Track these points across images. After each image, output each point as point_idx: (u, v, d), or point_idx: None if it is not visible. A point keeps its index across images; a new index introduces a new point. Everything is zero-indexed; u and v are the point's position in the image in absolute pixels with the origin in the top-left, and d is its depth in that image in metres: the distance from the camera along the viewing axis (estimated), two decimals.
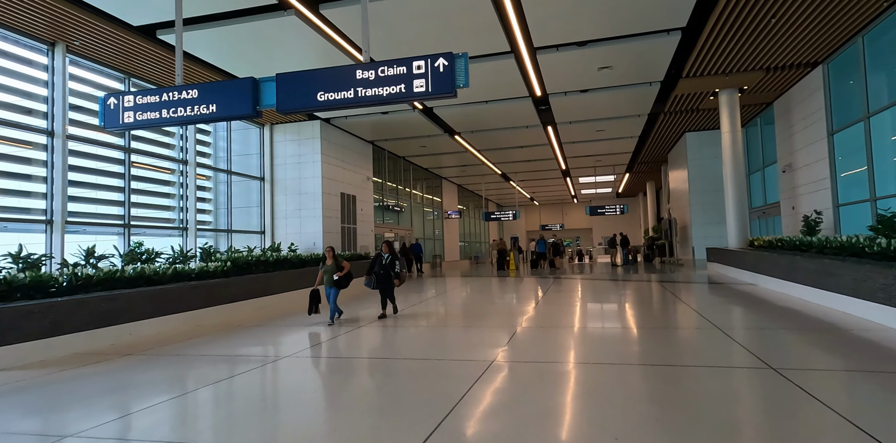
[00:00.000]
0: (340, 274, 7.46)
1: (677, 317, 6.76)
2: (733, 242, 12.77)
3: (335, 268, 7.49)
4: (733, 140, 12.79)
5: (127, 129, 4.82)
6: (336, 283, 7.44)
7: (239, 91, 4.59)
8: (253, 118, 4.71)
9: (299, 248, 13.89)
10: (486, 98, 12.90)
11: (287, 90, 4.51)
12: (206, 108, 4.62)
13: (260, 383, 4.36)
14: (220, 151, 14.17)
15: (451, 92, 4.11)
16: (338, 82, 4.38)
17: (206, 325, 7.31)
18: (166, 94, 4.73)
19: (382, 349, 5.69)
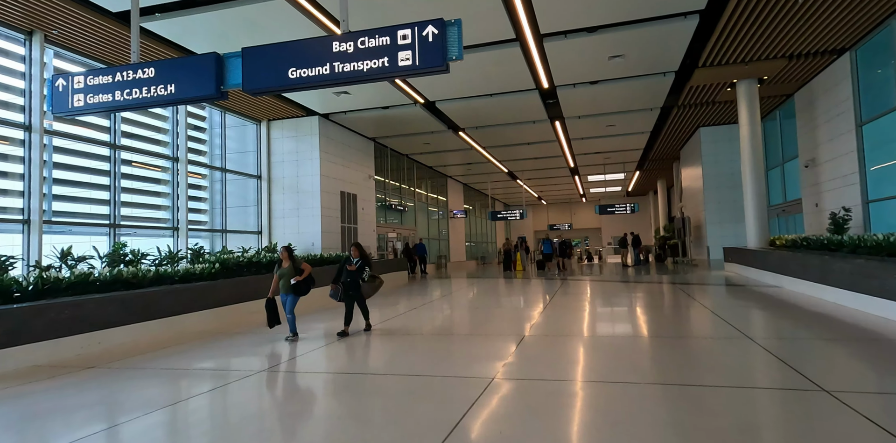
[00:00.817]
0: (298, 278, 6.33)
1: (700, 324, 6.14)
2: (753, 241, 12.07)
3: (292, 271, 6.38)
4: (752, 134, 12.09)
5: (77, 114, 4.29)
6: (293, 289, 6.30)
7: (200, 69, 4.01)
8: (217, 100, 4.16)
9: (297, 248, 13.37)
10: (491, 91, 12.30)
11: (254, 67, 3.93)
12: (165, 89, 4.05)
13: (207, 414, 3.79)
14: (216, 148, 13.69)
15: (442, 65, 3.53)
16: (312, 57, 3.80)
17: (187, 332, 6.79)
18: (120, 74, 4.17)
19: (362, 364, 5.12)
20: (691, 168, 18.79)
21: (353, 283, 6.42)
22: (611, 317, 7.01)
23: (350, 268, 6.40)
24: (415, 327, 6.64)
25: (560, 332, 5.90)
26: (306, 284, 6.46)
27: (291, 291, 6.32)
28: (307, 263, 6.57)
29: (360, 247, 6.62)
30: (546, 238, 19.60)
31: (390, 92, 11.95)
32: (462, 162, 21.76)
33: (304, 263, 6.54)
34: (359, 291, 6.44)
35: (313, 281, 6.59)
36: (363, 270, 6.48)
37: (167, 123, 11.34)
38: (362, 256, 6.53)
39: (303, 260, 6.57)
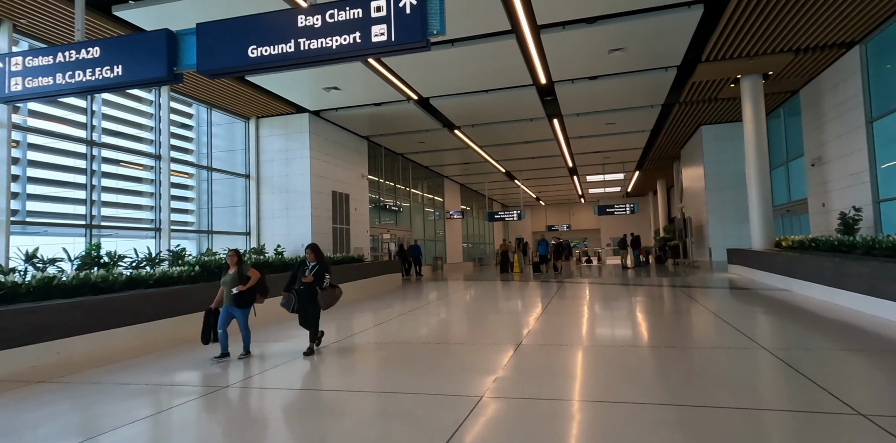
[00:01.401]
0: (242, 287, 5.34)
1: (708, 332, 5.71)
2: (757, 242, 11.66)
3: (236, 279, 5.40)
4: (757, 131, 11.69)
5: (15, 99, 3.84)
6: (235, 299, 5.33)
7: (150, 48, 3.55)
8: (170, 83, 3.72)
9: (286, 250, 12.93)
10: (486, 87, 11.88)
11: (210, 45, 3.48)
12: (111, 71, 3.59)
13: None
14: (203, 146, 13.25)
15: (421, 41, 3.10)
16: (274, 32, 3.34)
17: (159, 340, 6.33)
18: (62, 54, 3.70)
19: (327, 380, 4.67)
20: (692, 168, 18.39)
21: (308, 291, 5.45)
22: (611, 323, 6.58)
23: (305, 279, 5.45)
24: (400, 335, 6.19)
25: (557, 340, 5.47)
26: (252, 294, 5.49)
27: (233, 303, 5.36)
28: (256, 270, 5.63)
29: (316, 249, 5.66)
30: (542, 239, 18.92)
31: (382, 88, 11.52)
32: (458, 162, 21.34)
33: (253, 270, 5.59)
34: (314, 301, 5.46)
35: (265, 290, 5.65)
36: (322, 276, 5.49)
37: (151, 120, 10.90)
38: (319, 261, 5.59)
39: (251, 267, 5.61)
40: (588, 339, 5.52)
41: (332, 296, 5.55)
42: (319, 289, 5.45)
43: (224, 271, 5.59)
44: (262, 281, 5.60)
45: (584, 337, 5.62)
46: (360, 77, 10.80)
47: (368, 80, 10.96)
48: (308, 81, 11.10)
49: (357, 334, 6.35)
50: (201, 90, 11.27)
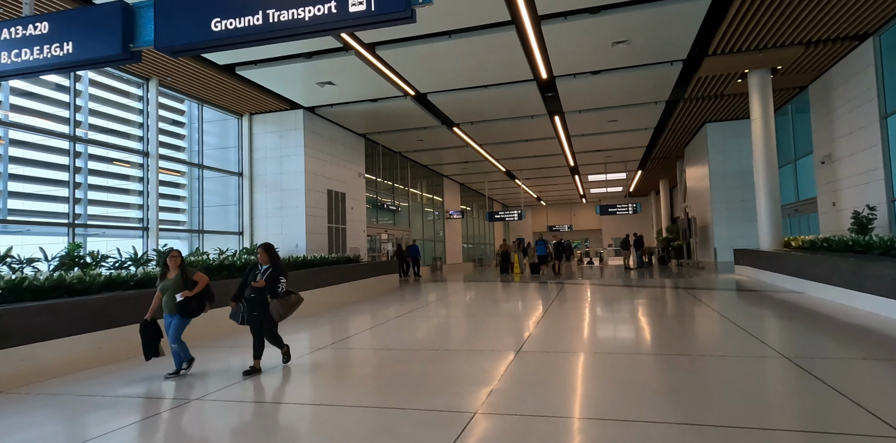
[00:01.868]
0: (187, 293, 4.68)
1: (721, 338, 5.33)
2: (766, 242, 11.28)
3: (179, 284, 4.72)
4: (765, 127, 11.31)
5: None
6: (179, 307, 4.68)
7: (104, 22, 3.17)
8: (126, 63, 3.36)
9: (280, 249, 12.54)
10: (486, 82, 11.51)
11: (169, 18, 3.10)
12: (60, 49, 3.22)
13: None
14: (196, 144, 12.91)
15: (405, 11, 2.73)
16: (240, 3, 2.98)
17: (135, 345, 5.96)
18: (6, 31, 3.36)
19: (310, 392, 4.31)
20: (696, 166, 18.01)
21: (259, 299, 4.68)
22: (616, 328, 6.21)
23: (255, 284, 4.65)
24: (390, 341, 5.83)
25: (558, 347, 5.10)
26: (199, 301, 4.79)
27: (177, 311, 4.67)
28: (203, 274, 4.92)
29: (270, 250, 4.85)
30: (540, 239, 18.13)
31: (378, 82, 11.16)
32: (458, 160, 20.98)
33: (200, 274, 4.90)
34: (265, 311, 4.67)
35: (211, 298, 4.96)
36: (276, 281, 4.67)
37: (139, 116, 10.56)
38: (273, 263, 4.79)
39: (196, 270, 4.99)
40: (591, 345, 5.15)
41: (288, 304, 4.73)
42: (272, 297, 4.64)
43: (162, 275, 4.85)
44: (208, 287, 4.90)
45: (587, 343, 5.25)
46: (356, 71, 10.45)
47: (364, 74, 10.62)
48: (302, 76, 10.75)
49: (344, 339, 6.00)
50: (191, 85, 10.93)
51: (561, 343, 5.28)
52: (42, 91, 8.89)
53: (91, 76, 9.88)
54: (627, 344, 5.21)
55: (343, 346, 5.52)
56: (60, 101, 9.06)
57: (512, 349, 4.92)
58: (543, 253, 17.32)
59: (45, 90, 8.97)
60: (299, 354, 5.14)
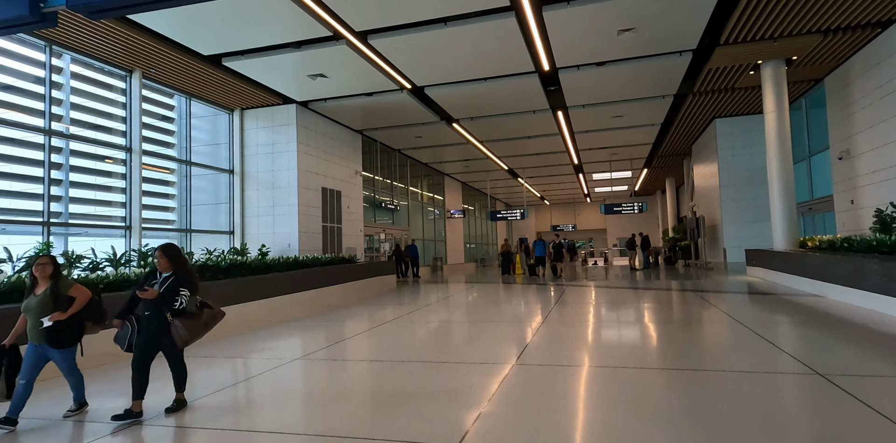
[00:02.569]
0: (58, 316, 3.37)
1: (744, 350, 4.78)
2: (780, 242, 10.71)
3: (48, 303, 3.42)
4: (779, 121, 10.73)
5: None
6: (47, 335, 3.38)
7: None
8: (38, 28, 2.87)
9: (272, 250, 12.10)
10: (485, 74, 10.99)
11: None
12: None
13: None
14: (185, 140, 12.45)
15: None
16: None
17: (88, 356, 5.47)
18: None
19: (272, 413, 3.80)
20: (705, 164, 17.43)
21: (154, 319, 3.47)
22: (622, 337, 5.68)
23: (142, 294, 3.36)
24: (374, 351, 5.32)
25: (558, 359, 4.58)
26: (77, 326, 3.52)
27: (44, 340, 3.38)
28: (83, 287, 3.62)
29: (171, 252, 3.63)
30: (539, 239, 16.99)
31: (372, 75, 10.66)
32: (459, 158, 20.48)
33: (79, 286, 3.59)
34: (165, 333, 3.48)
35: (99, 316, 3.67)
36: (173, 293, 3.47)
37: (123, 110, 10.10)
38: (178, 270, 3.59)
39: (74, 282, 3.71)
40: (594, 358, 4.62)
41: (197, 325, 3.54)
42: (173, 315, 3.47)
43: (28, 291, 3.56)
44: (94, 303, 3.64)
45: (590, 355, 4.73)
46: (348, 63, 9.95)
47: (357, 66, 10.12)
48: (292, 68, 10.26)
49: (322, 349, 5.49)
50: (178, 78, 10.47)
51: (561, 355, 4.75)
52: (19, 83, 8.45)
53: (73, 69, 9.45)
54: (636, 356, 4.68)
55: (319, 356, 5.01)
56: (36, 94, 8.62)
57: (507, 362, 4.41)
58: (542, 254, 16.12)
59: (24, 83, 8.54)
60: (267, 367, 4.64)
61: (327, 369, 4.58)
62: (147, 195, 11.35)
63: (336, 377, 4.36)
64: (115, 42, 8.69)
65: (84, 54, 9.10)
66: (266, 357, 5.03)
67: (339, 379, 4.30)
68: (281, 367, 4.58)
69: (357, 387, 4.04)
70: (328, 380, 4.29)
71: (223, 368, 4.79)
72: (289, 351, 5.34)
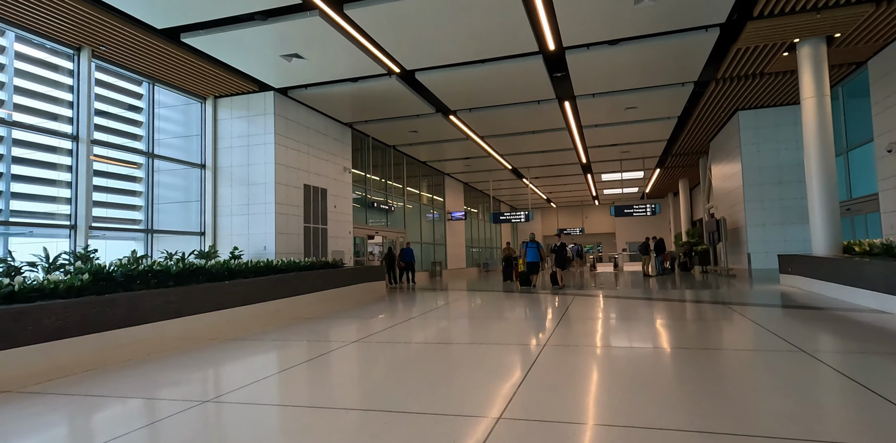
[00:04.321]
0: None
1: (824, 395, 3.43)
2: (821, 246, 9.32)
3: None
4: (819, 108, 9.37)
5: None
6: None
7: None
8: None
9: (245, 253, 10.88)
10: (482, 55, 9.73)
11: None
12: None
13: None
14: (158, 132, 11.30)
15: None
16: None
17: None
18: None
19: None
20: (725, 162, 16.04)
21: None
22: (647, 372, 4.32)
23: None
24: (308, 391, 4.00)
25: (557, 412, 3.22)
26: None
27: None
28: None
29: None
30: (531, 240, 13.22)
31: (355, 55, 9.44)
32: (460, 156, 19.21)
33: None
34: None
35: None
36: None
37: (70, 93, 8.94)
38: None
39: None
40: (609, 411, 3.27)
41: None
42: None
43: None
44: None
45: (604, 408, 3.38)
46: (326, 40, 8.74)
47: (336, 44, 8.90)
48: (263, 47, 9.05)
49: (250, 384, 4.19)
50: (135, 59, 9.30)
51: (562, 404, 3.39)
52: None
53: (18, 48, 8.33)
54: (669, 407, 3.32)
55: (234, 398, 3.67)
56: None
57: (486, 414, 3.09)
58: (535, 259, 12.96)
59: None
60: (135, 425, 3.35)
61: (230, 418, 3.28)
62: (103, 191, 10.20)
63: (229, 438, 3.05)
64: (60, 14, 7.55)
65: (28, 30, 7.97)
66: (168, 397, 3.74)
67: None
68: (171, 417, 3.27)
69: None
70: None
71: (70, 420, 3.50)
72: (196, 389, 4.02)
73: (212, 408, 3.34)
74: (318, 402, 3.46)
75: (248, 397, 3.55)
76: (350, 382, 4.07)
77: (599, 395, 3.43)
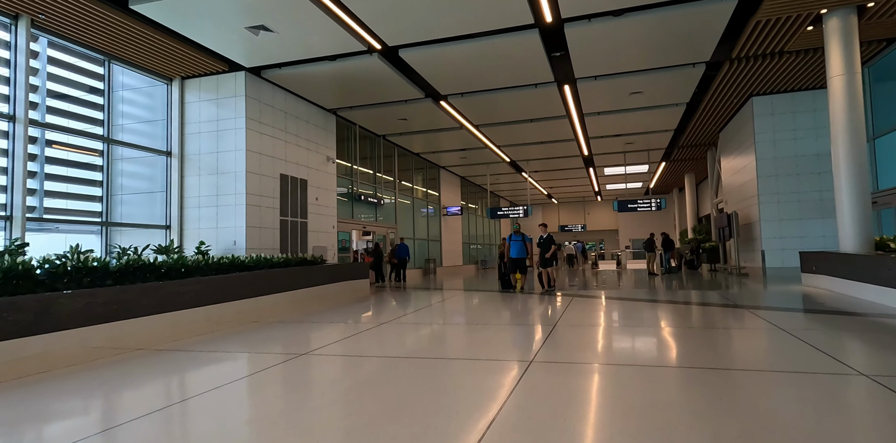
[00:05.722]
0: None
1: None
2: (849, 243, 8.32)
3: None
4: (849, 87, 8.36)
5: None
6: None
7: None
8: None
9: (213, 248, 9.95)
10: (470, 29, 8.74)
11: None
12: None
13: None
14: (123, 117, 10.39)
15: None
16: None
17: None
18: None
19: None
20: (736, 154, 15.02)
21: None
22: (666, 406, 3.36)
23: None
24: (201, 428, 3.07)
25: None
26: None
27: None
28: None
29: None
30: (515, 233, 10.56)
31: (330, 29, 8.46)
32: (455, 148, 18.22)
33: None
34: None
35: None
36: None
37: (7, 68, 7.99)
38: None
39: None
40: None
41: None
42: None
43: None
44: None
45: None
46: (297, 10, 7.77)
47: (308, 15, 7.93)
48: (225, 16, 8.08)
49: (124, 424, 3.25)
50: (85, 31, 8.34)
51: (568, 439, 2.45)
52: None
53: None
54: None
55: (112, 438, 2.75)
56: None
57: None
58: (519, 255, 10.48)
59: None
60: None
61: None
62: (57, 180, 9.28)
63: None
64: None
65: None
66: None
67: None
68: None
69: None
70: None
71: None
72: (73, 425, 3.09)
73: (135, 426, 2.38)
74: (234, 436, 2.50)
75: (129, 438, 2.60)
76: (267, 416, 3.11)
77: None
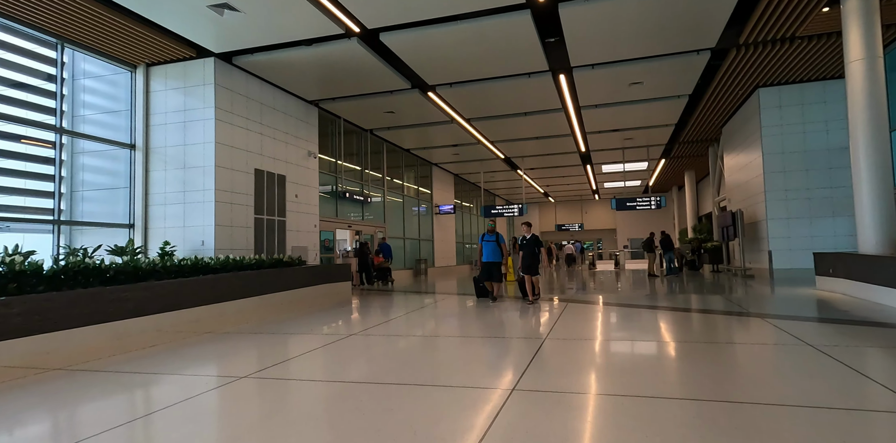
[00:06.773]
0: None
1: None
2: (870, 242, 7.61)
3: None
4: (870, 72, 7.63)
5: None
6: None
7: None
8: None
9: (180, 248, 9.19)
10: (457, 8, 7.98)
11: None
12: None
13: None
14: (82, 107, 9.63)
15: None
16: None
17: None
18: None
19: None
20: (741, 149, 14.31)
21: None
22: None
23: None
24: None
25: None
26: None
27: None
28: None
29: None
30: (489, 231, 8.80)
31: (302, 8, 7.70)
32: (446, 143, 17.48)
33: None
34: None
35: None
36: None
37: None
38: None
39: None
40: None
41: None
42: None
43: None
44: None
45: None
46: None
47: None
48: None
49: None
50: (44, 15, 7.55)
51: None
52: None
53: None
54: None
55: None
56: None
57: None
58: (493, 260, 8.64)
59: None
60: None
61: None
62: (4, 174, 8.51)
63: None
64: None
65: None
66: None
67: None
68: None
69: None
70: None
71: None
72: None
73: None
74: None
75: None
76: (254, 420, 2.34)
77: None
